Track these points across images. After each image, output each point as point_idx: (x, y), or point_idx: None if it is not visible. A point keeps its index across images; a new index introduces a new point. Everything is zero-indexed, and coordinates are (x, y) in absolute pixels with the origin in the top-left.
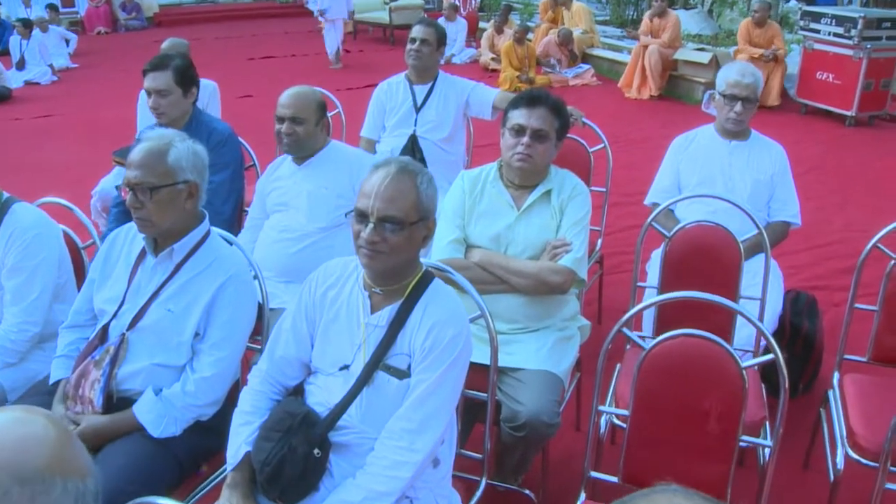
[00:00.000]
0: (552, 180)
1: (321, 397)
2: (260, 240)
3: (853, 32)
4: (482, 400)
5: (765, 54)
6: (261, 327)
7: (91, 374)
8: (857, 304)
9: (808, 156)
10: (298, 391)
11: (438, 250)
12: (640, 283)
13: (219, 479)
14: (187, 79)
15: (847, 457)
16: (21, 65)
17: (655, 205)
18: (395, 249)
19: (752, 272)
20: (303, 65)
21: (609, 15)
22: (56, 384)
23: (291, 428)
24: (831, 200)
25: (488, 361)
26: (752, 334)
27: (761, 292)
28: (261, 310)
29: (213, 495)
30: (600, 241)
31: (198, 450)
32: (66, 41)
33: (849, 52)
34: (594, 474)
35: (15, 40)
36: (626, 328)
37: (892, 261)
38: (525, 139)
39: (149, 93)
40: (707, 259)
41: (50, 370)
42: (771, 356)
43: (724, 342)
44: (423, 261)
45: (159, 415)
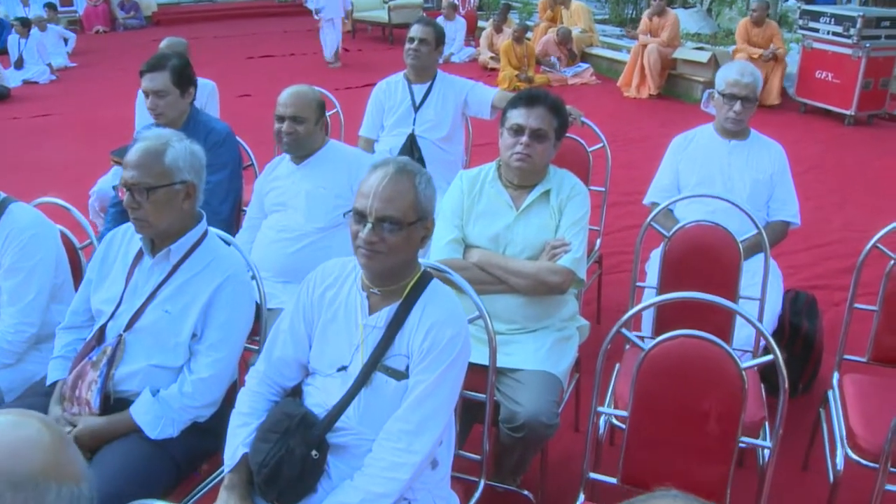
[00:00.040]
0: (551, 180)
1: (319, 398)
2: (258, 240)
3: (852, 31)
4: (481, 401)
5: (764, 54)
6: (259, 328)
7: (88, 376)
8: (856, 304)
9: (807, 155)
10: (296, 392)
11: (437, 250)
12: (639, 283)
13: (216, 481)
14: (184, 79)
15: (847, 457)
16: (19, 64)
17: (654, 204)
18: (393, 250)
19: (751, 272)
20: (302, 64)
21: (608, 14)
22: (53, 385)
23: (289, 429)
24: (830, 200)
25: (487, 362)
26: (751, 334)
27: (761, 292)
28: (258, 310)
29: (210, 497)
30: (599, 240)
31: (195, 451)
32: (65, 40)
33: (848, 51)
34: (593, 475)
35: (13, 39)
36: (625, 329)
37: (892, 261)
38: (524, 139)
39: (146, 94)
40: (706, 259)
41: (47, 371)
42: (770, 357)
43: (723, 343)
44: (421, 261)
45: (156, 416)
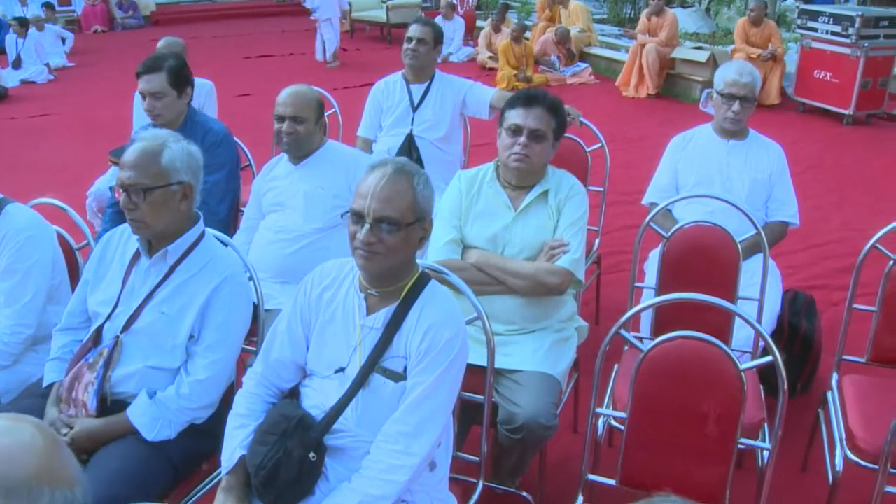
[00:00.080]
0: (549, 180)
1: (316, 400)
2: (256, 240)
3: (851, 31)
4: (479, 402)
5: (763, 54)
6: (256, 329)
7: (85, 377)
8: (855, 304)
9: (806, 155)
10: (294, 394)
11: (435, 251)
12: (637, 284)
13: (213, 483)
14: (181, 79)
15: (846, 459)
16: (17, 63)
17: (653, 204)
18: (391, 250)
19: (750, 272)
20: (300, 63)
21: (606, 13)
22: (49, 387)
23: (287, 431)
24: (829, 199)
25: (485, 363)
26: (750, 335)
27: (760, 293)
28: (256, 311)
29: (208, 499)
30: (598, 240)
31: (192, 453)
32: (63, 40)
33: (846, 50)
34: (592, 477)
35: (11, 39)
36: (623, 330)
37: (892, 261)
38: (522, 139)
39: (143, 95)
40: (705, 259)
41: (43, 373)
42: (770, 358)
43: (722, 344)
44: (419, 262)
45: (153, 418)
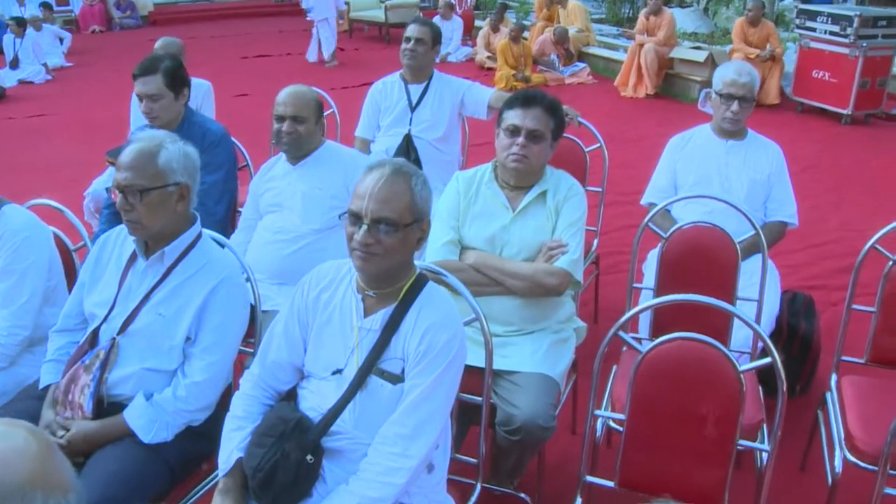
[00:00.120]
0: (548, 181)
1: (314, 402)
2: (253, 241)
3: (849, 31)
4: (477, 403)
5: (761, 54)
6: (253, 330)
7: (81, 379)
8: (854, 304)
9: (804, 154)
10: (291, 396)
11: (433, 252)
12: (636, 285)
13: (210, 485)
14: (178, 80)
15: (845, 460)
16: (15, 63)
17: (652, 205)
18: (389, 251)
19: (748, 273)
20: (298, 63)
21: (605, 13)
22: (46, 389)
23: (284, 433)
24: (827, 199)
25: (483, 364)
26: (749, 335)
27: (758, 293)
28: (253, 312)
29: (205, 501)
30: (596, 241)
31: (189, 455)
32: (61, 40)
33: (845, 50)
34: (590, 478)
35: (9, 39)
36: (622, 331)
37: (891, 262)
38: (520, 140)
39: (140, 97)
40: (704, 260)
41: (39, 374)
42: (769, 360)
43: (721, 346)
44: (417, 263)
45: (150, 420)
